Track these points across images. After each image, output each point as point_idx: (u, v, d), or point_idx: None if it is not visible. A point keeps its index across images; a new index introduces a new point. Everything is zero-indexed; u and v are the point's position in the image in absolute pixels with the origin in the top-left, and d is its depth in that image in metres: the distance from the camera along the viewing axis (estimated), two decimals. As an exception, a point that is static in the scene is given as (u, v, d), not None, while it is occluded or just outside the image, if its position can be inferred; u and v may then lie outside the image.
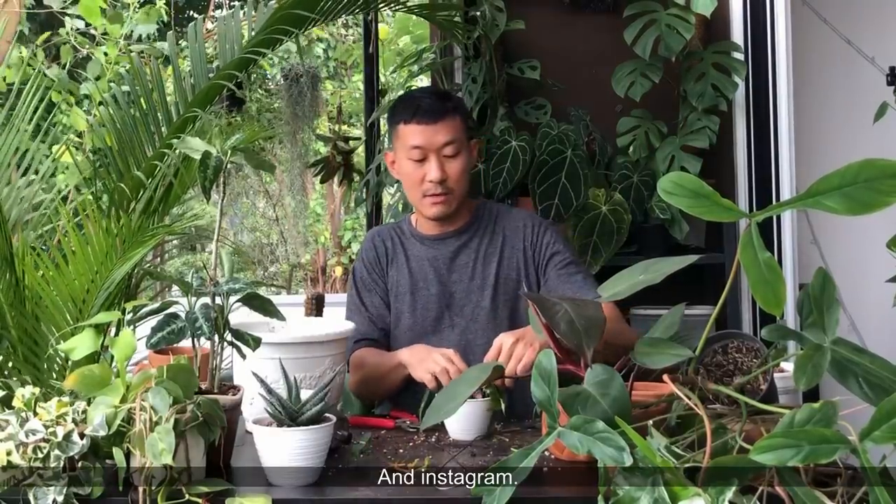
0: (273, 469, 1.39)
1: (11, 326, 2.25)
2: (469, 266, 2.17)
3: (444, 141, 2.09)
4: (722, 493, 1.02)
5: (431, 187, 2.11)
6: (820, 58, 3.25)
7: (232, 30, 2.60)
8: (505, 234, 2.19)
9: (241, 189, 8.12)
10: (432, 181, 2.10)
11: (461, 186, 2.14)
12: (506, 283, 2.16)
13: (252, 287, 1.50)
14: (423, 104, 2.13)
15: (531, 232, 2.18)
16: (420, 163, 2.11)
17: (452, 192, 2.12)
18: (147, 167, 2.40)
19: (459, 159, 2.11)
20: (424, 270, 2.18)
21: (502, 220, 2.22)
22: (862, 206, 1.08)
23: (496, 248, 2.18)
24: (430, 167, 2.09)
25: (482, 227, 2.21)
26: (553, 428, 1.21)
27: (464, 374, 1.46)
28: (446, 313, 2.15)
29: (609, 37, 2.93)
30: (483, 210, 2.24)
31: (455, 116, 2.12)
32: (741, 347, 1.50)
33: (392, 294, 2.20)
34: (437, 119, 2.10)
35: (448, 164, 2.10)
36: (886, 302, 1.67)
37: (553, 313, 1.35)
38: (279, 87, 5.41)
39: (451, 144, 2.10)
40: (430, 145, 2.09)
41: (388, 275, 2.22)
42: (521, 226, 2.19)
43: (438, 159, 2.09)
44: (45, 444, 1.30)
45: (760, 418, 1.32)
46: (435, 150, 2.09)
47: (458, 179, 2.12)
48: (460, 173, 2.12)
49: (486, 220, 2.22)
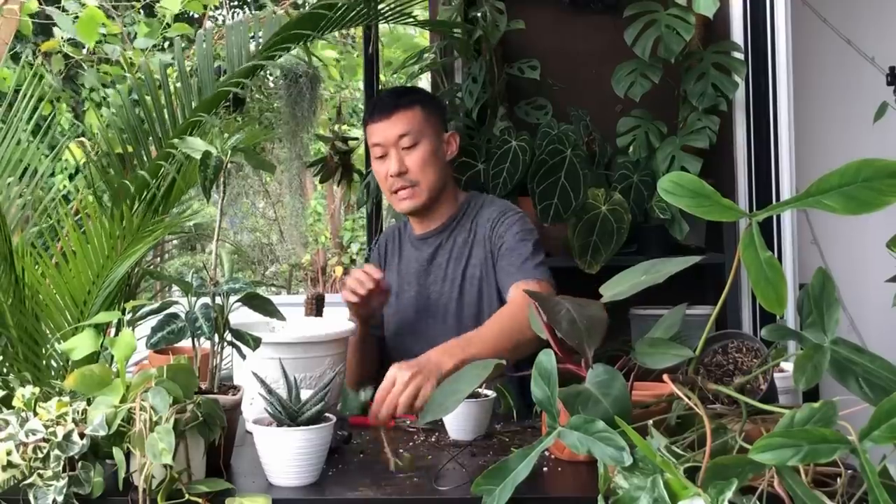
0: (273, 469, 1.39)
1: (11, 325, 2.25)
2: (443, 266, 2.15)
3: (399, 133, 2.08)
4: (722, 492, 1.02)
5: (394, 181, 2.10)
6: (820, 58, 3.25)
7: (241, 36, 2.62)
8: (476, 230, 2.16)
9: (241, 189, 8.12)
10: (393, 175, 2.09)
11: (427, 177, 2.10)
12: (471, 281, 2.12)
13: (252, 287, 1.50)
14: (378, 102, 2.16)
15: (490, 225, 2.13)
16: (382, 159, 2.11)
17: (418, 184, 2.10)
18: (152, 167, 2.41)
19: (419, 150, 2.09)
20: (409, 273, 2.17)
21: (479, 215, 2.17)
22: (861, 206, 1.08)
23: (468, 246, 2.15)
24: (390, 161, 2.09)
25: (462, 224, 2.18)
26: (553, 428, 1.21)
27: (463, 372, 1.46)
28: (423, 316, 2.14)
29: (609, 37, 2.93)
30: (468, 205, 2.20)
31: (411, 108, 2.11)
32: (741, 347, 1.49)
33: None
34: (390, 113, 2.10)
35: (407, 156, 2.09)
36: (886, 302, 1.67)
37: (555, 312, 1.34)
38: (279, 86, 5.41)
39: (407, 136, 2.08)
40: (387, 140, 2.09)
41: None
42: (486, 219, 2.15)
43: (397, 152, 2.09)
44: (45, 444, 1.30)
45: (760, 418, 1.32)
46: (393, 145, 2.09)
47: (419, 170, 2.09)
48: (421, 164, 2.09)
49: (468, 217, 2.18)
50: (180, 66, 2.65)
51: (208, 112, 2.43)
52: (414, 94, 2.22)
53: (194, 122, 2.41)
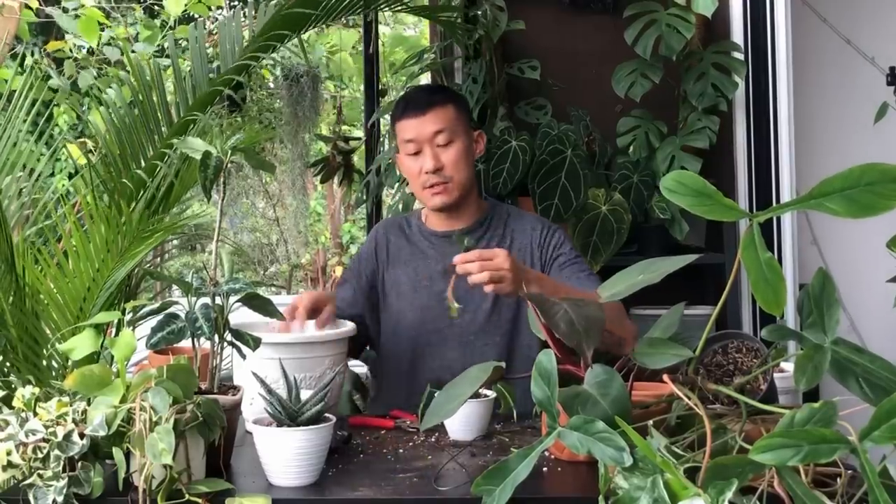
0: (273, 469, 1.39)
1: (11, 325, 2.25)
2: None
3: (435, 130, 2.09)
4: (722, 493, 1.02)
5: (428, 178, 2.10)
6: (820, 58, 3.25)
7: (233, 31, 2.60)
8: (513, 236, 2.18)
9: (241, 189, 8.11)
10: (428, 171, 2.09)
11: (461, 174, 2.11)
12: None
13: (252, 287, 1.50)
14: (411, 98, 2.16)
15: (539, 234, 2.16)
16: (416, 156, 2.11)
17: (451, 180, 2.11)
18: (148, 167, 2.41)
19: (454, 147, 2.10)
20: (430, 267, 2.16)
21: (513, 223, 2.20)
22: (863, 210, 1.08)
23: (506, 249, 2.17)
24: (425, 158, 2.09)
25: (492, 227, 2.19)
26: (553, 428, 1.21)
27: (464, 374, 1.46)
28: (448, 312, 2.13)
29: (609, 37, 2.94)
30: (495, 211, 2.23)
31: (446, 105, 2.12)
32: (741, 347, 1.49)
33: (393, 293, 2.18)
34: (425, 110, 2.10)
35: (442, 153, 2.09)
36: (886, 302, 1.67)
37: (553, 314, 1.34)
38: (280, 86, 5.40)
39: (442, 133, 2.09)
40: (422, 136, 2.09)
41: (383, 273, 2.21)
42: (529, 228, 2.18)
43: (432, 149, 2.09)
44: (45, 444, 1.30)
45: (760, 418, 1.32)
46: (427, 141, 2.09)
47: (454, 167, 2.10)
48: (456, 160, 2.10)
49: (497, 221, 2.20)
50: (175, 63, 2.65)
51: (203, 110, 2.42)
52: (446, 91, 2.27)
53: (190, 120, 2.40)
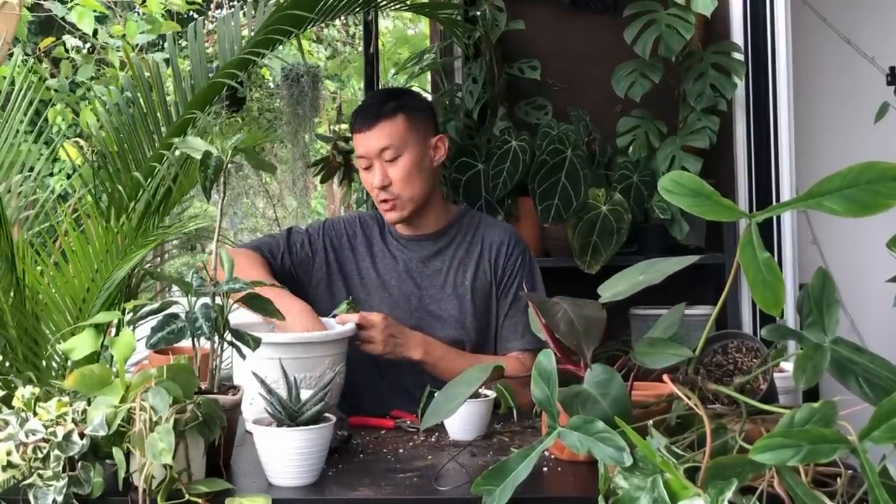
0: (273, 469, 1.39)
1: (11, 326, 2.25)
2: (441, 272, 2.14)
3: (380, 147, 2.04)
4: (722, 492, 1.02)
5: (378, 193, 2.08)
6: (820, 58, 3.25)
7: (231, 30, 2.61)
8: (483, 244, 2.15)
9: (241, 189, 8.11)
10: (376, 187, 2.07)
11: (411, 189, 2.07)
12: (480, 292, 2.13)
13: (252, 287, 1.50)
14: (360, 111, 2.11)
15: (506, 251, 2.14)
16: (368, 170, 2.09)
17: (399, 197, 2.07)
18: (146, 168, 2.41)
19: (402, 162, 2.05)
20: (397, 269, 2.14)
21: (483, 230, 2.18)
22: (862, 208, 1.08)
23: (472, 257, 2.15)
24: (374, 174, 2.07)
25: (460, 234, 2.17)
26: (553, 428, 1.21)
27: (463, 374, 1.46)
28: (414, 314, 2.12)
29: (609, 37, 2.93)
30: (465, 217, 2.20)
31: (394, 117, 2.05)
32: (741, 347, 1.49)
33: (357, 281, 2.15)
34: (371, 125, 2.05)
35: (390, 169, 2.05)
36: (886, 302, 1.67)
37: (553, 314, 1.35)
38: (280, 86, 5.41)
39: (388, 149, 2.04)
40: (370, 153, 2.06)
41: (343, 260, 2.16)
42: (497, 240, 2.15)
43: (381, 165, 2.06)
44: (45, 444, 1.30)
45: (760, 418, 1.32)
46: (376, 157, 2.06)
47: (402, 183, 2.06)
48: (404, 176, 2.05)
49: (466, 228, 2.18)
50: (173, 60, 2.64)
51: (203, 108, 2.42)
52: (400, 98, 2.13)
53: (190, 119, 2.40)
